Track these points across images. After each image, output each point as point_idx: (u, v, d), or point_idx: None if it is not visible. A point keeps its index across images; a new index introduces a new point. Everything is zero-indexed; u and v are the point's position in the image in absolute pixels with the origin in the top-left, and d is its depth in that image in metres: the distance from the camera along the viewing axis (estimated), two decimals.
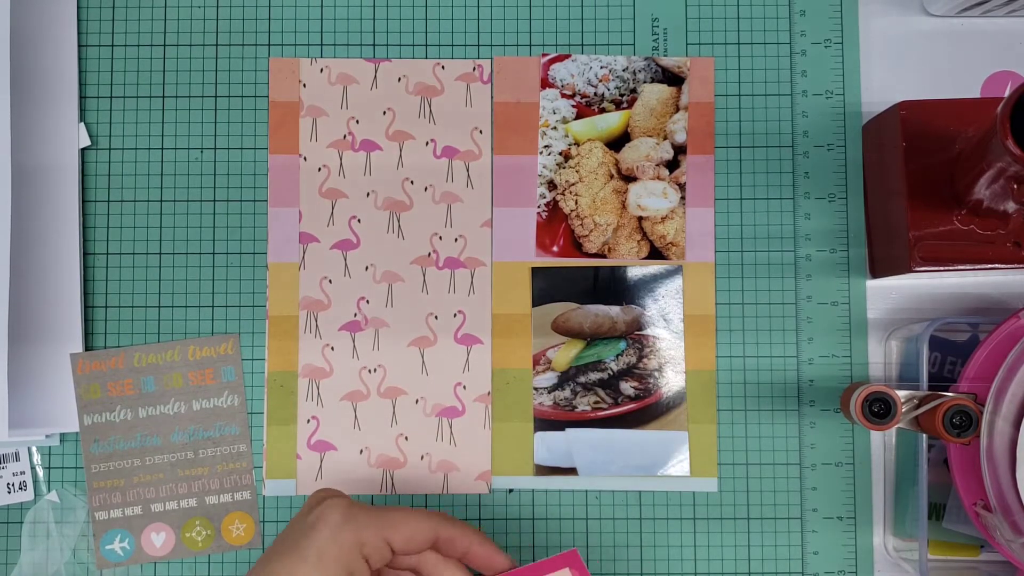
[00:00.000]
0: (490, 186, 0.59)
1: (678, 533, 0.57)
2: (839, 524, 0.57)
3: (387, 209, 0.58)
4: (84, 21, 0.59)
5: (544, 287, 0.58)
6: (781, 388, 0.58)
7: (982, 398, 0.47)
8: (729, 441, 0.57)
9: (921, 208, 0.52)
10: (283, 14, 0.59)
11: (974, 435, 0.47)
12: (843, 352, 0.58)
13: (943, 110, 0.53)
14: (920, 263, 0.52)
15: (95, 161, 0.59)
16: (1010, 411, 0.46)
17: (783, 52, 0.59)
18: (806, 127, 0.59)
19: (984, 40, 0.59)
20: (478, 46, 0.59)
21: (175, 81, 0.59)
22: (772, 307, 0.58)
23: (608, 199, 0.59)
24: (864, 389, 0.48)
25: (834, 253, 0.58)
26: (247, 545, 0.57)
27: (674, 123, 0.59)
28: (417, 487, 0.57)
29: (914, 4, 0.59)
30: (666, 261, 0.58)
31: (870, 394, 0.48)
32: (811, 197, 0.58)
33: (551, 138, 0.59)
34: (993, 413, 0.46)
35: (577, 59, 0.59)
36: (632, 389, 0.58)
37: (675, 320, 0.58)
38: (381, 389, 0.58)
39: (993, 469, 0.46)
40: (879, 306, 0.58)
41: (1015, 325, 0.50)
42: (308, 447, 0.57)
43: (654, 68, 0.59)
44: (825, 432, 0.57)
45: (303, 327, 0.58)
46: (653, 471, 0.57)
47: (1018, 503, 0.46)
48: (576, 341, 0.58)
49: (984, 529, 0.49)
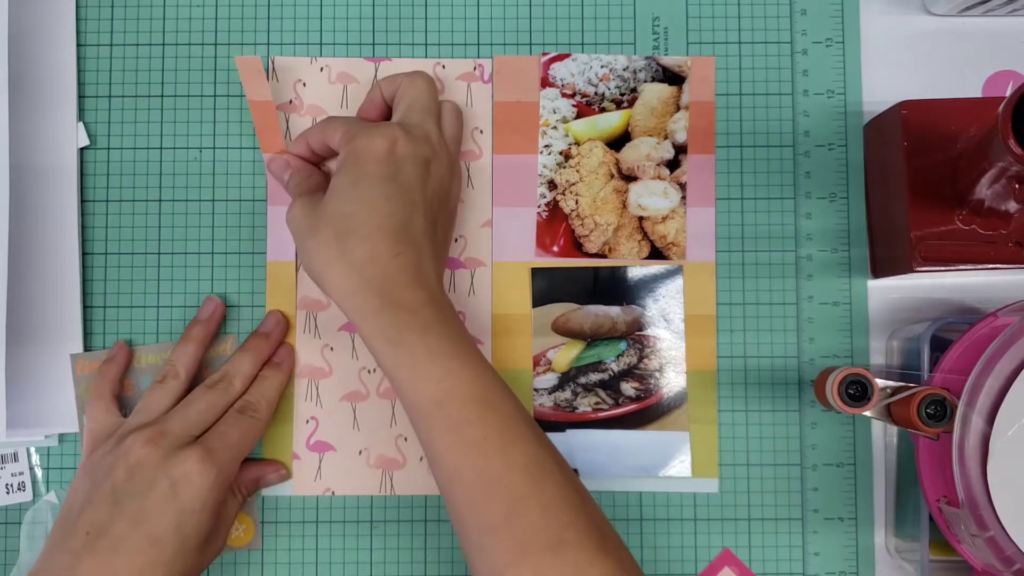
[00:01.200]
0: (490, 186, 0.59)
1: (679, 534, 0.57)
2: (840, 525, 0.57)
3: None
4: (83, 20, 0.59)
5: (544, 287, 0.58)
6: (782, 388, 0.57)
7: (955, 393, 0.47)
8: (730, 442, 0.57)
9: (922, 208, 0.52)
10: (283, 13, 0.59)
11: (947, 427, 0.47)
12: (844, 352, 0.57)
13: (944, 110, 0.52)
14: (921, 263, 0.52)
15: (94, 161, 0.59)
16: (984, 405, 0.47)
17: (784, 51, 0.59)
18: (807, 126, 0.59)
19: (985, 39, 0.59)
20: (478, 45, 0.59)
21: (174, 80, 0.59)
22: (773, 307, 0.58)
23: (608, 199, 0.58)
24: (841, 371, 0.48)
25: (835, 253, 0.58)
26: (247, 546, 0.57)
27: (675, 123, 0.59)
28: (416, 488, 0.57)
29: (915, 3, 0.59)
30: (667, 261, 0.58)
31: (847, 376, 0.48)
32: (812, 197, 0.58)
33: (551, 138, 0.59)
34: (968, 406, 0.46)
35: (578, 58, 0.59)
36: (633, 390, 0.58)
37: (676, 320, 0.58)
38: (380, 390, 0.58)
39: (963, 462, 0.46)
40: (880, 306, 0.58)
41: (992, 324, 0.50)
42: (307, 447, 0.57)
43: (655, 67, 0.59)
44: (826, 433, 0.57)
45: (302, 327, 0.58)
46: (654, 472, 0.57)
47: (986, 497, 0.46)
48: (576, 342, 0.58)
49: (945, 526, 0.49)
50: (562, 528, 0.45)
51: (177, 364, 0.55)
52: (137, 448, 0.50)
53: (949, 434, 0.47)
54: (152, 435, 0.50)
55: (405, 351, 0.48)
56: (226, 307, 0.58)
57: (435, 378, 0.48)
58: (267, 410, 0.55)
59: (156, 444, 0.50)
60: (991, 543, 0.46)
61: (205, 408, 0.53)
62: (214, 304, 0.57)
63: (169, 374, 0.54)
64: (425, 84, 0.54)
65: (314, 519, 0.57)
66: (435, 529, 0.57)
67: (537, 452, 0.47)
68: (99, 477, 0.50)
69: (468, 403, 0.47)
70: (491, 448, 0.47)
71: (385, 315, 0.48)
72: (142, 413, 0.53)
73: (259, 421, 0.54)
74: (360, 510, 0.57)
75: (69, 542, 0.48)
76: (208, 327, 0.56)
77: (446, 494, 0.48)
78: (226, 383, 0.54)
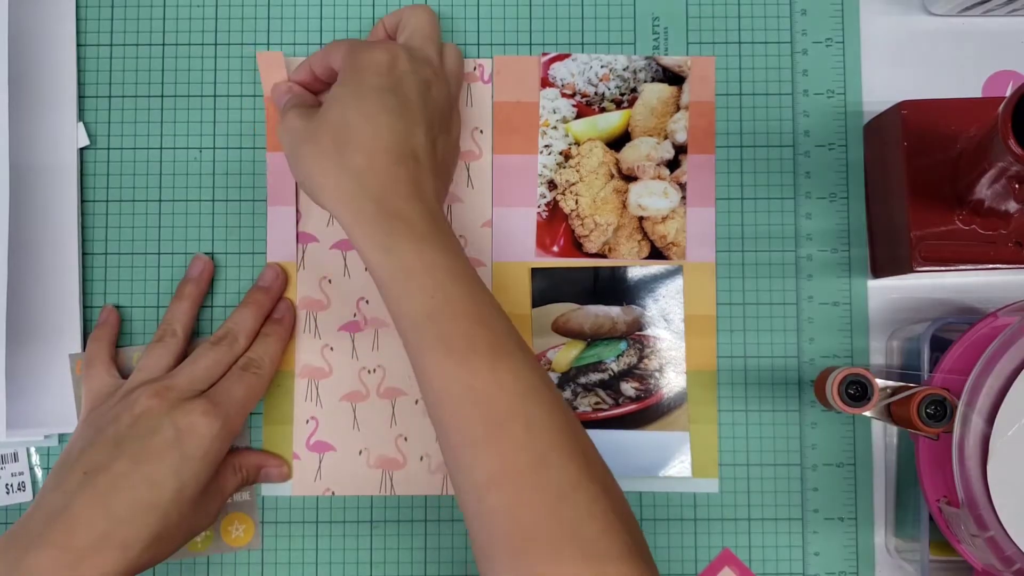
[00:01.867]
0: (490, 186, 0.59)
1: (679, 534, 0.57)
2: (840, 525, 0.57)
3: None
4: (83, 20, 0.59)
5: (544, 287, 0.58)
6: (782, 389, 0.57)
7: (955, 393, 0.47)
8: (730, 442, 0.57)
9: (922, 208, 0.52)
10: (282, 13, 0.59)
11: (947, 427, 0.47)
12: (844, 352, 0.57)
13: (944, 110, 0.52)
14: (922, 263, 0.52)
15: (94, 161, 0.59)
16: (985, 405, 0.47)
17: (784, 51, 0.59)
18: (807, 126, 0.59)
19: (985, 39, 0.59)
20: (478, 45, 0.59)
21: (174, 80, 0.59)
22: (773, 307, 0.58)
23: (608, 199, 0.58)
24: (841, 371, 0.48)
25: (835, 253, 0.58)
26: (247, 546, 0.57)
27: (675, 123, 0.59)
28: (416, 488, 0.57)
29: (915, 3, 0.59)
30: (667, 261, 0.58)
31: (847, 376, 0.48)
32: (812, 197, 0.58)
33: (551, 138, 0.59)
34: (968, 406, 0.46)
35: (577, 58, 0.59)
36: (633, 390, 0.58)
37: (676, 320, 0.58)
38: (380, 390, 0.58)
39: (963, 462, 0.46)
40: (880, 306, 0.58)
41: (992, 324, 0.50)
42: (307, 447, 0.57)
43: (655, 67, 0.59)
44: (826, 433, 0.57)
45: (302, 327, 0.58)
46: (654, 472, 0.57)
47: (986, 497, 0.46)
48: (576, 342, 0.58)
49: (945, 526, 0.49)
50: (546, 448, 0.45)
51: (173, 322, 0.55)
52: (144, 400, 0.50)
53: (949, 434, 0.47)
54: (159, 389, 0.50)
55: (397, 260, 0.47)
56: (215, 267, 0.58)
57: (428, 290, 0.47)
58: (270, 367, 0.55)
59: (162, 397, 0.50)
60: (991, 543, 0.46)
61: (211, 364, 0.53)
62: (203, 262, 0.57)
63: (167, 333, 0.54)
64: (427, 15, 0.55)
65: (314, 519, 0.57)
66: (435, 529, 0.57)
67: (526, 371, 0.47)
68: (102, 424, 0.50)
69: (460, 318, 0.47)
70: (480, 364, 0.46)
71: (380, 222, 0.48)
72: (143, 371, 0.53)
73: (263, 378, 0.54)
74: (360, 510, 0.57)
75: (65, 483, 0.48)
76: (200, 285, 0.56)
77: (431, 407, 0.47)
78: (230, 340, 0.54)
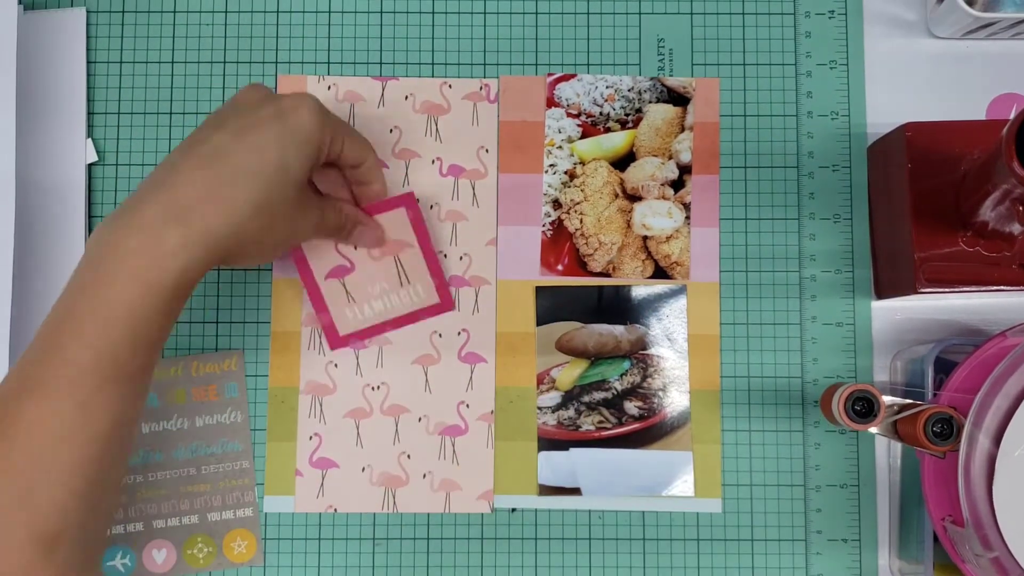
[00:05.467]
0: (495, 204, 0.59)
1: (682, 554, 0.57)
2: (844, 546, 0.56)
3: None
4: (92, 37, 0.60)
5: (548, 306, 0.58)
6: (786, 409, 0.57)
7: (962, 412, 0.47)
8: (733, 462, 0.57)
9: (926, 229, 0.52)
10: (291, 32, 0.60)
11: (953, 445, 0.47)
12: (848, 373, 0.57)
13: (948, 132, 0.53)
14: (925, 284, 0.52)
15: (102, 177, 0.59)
16: (991, 425, 0.47)
17: (788, 73, 0.59)
18: (811, 148, 0.59)
19: (989, 62, 0.59)
20: (484, 65, 0.60)
21: (183, 98, 0.59)
22: (777, 327, 0.58)
23: (613, 218, 0.59)
24: (847, 387, 0.48)
25: (839, 274, 0.58)
26: (248, 562, 0.57)
27: (679, 143, 0.59)
28: (419, 505, 0.57)
29: (919, 26, 0.60)
30: (671, 281, 0.58)
31: (853, 392, 0.48)
32: (816, 217, 0.58)
33: (556, 157, 0.59)
34: (974, 425, 0.46)
35: (583, 79, 0.59)
36: (636, 409, 0.58)
37: (679, 340, 0.58)
38: (384, 407, 0.58)
39: (969, 481, 0.46)
40: (884, 327, 0.58)
41: (1000, 344, 0.50)
42: (310, 464, 0.57)
43: (660, 88, 0.59)
44: (830, 453, 0.57)
45: (306, 343, 0.58)
46: (657, 492, 0.57)
47: (991, 517, 0.46)
48: (580, 360, 0.58)
49: (949, 545, 0.49)
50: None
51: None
52: (245, 90, 0.50)
53: (955, 453, 0.47)
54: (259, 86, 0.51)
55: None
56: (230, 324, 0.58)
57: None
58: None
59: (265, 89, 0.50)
60: (996, 564, 0.46)
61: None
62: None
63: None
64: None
65: (316, 536, 0.57)
66: (437, 547, 0.57)
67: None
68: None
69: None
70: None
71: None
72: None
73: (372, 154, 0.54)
74: (363, 527, 0.57)
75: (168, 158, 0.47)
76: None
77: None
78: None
